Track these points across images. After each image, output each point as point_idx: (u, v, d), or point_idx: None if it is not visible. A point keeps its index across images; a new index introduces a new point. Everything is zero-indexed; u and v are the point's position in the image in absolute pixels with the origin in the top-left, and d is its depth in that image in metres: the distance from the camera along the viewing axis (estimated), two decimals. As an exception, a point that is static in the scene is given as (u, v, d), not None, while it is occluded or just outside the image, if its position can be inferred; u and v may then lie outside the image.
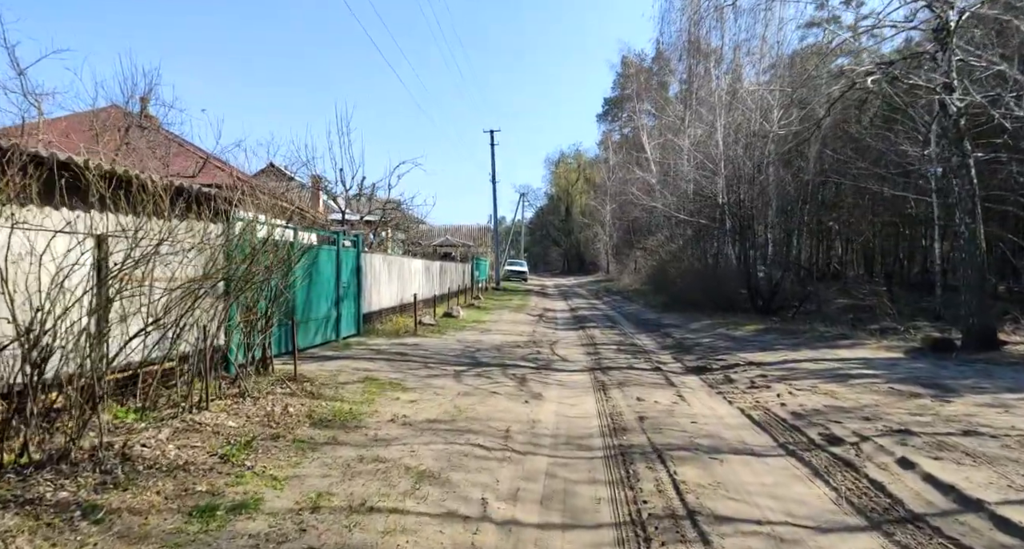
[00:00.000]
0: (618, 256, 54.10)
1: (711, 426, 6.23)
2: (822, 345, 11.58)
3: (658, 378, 9.01)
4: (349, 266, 11.20)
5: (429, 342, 11.72)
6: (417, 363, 9.15)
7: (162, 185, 5.07)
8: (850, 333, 12.16)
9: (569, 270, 78.42)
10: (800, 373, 8.99)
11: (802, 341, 12.25)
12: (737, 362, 10.20)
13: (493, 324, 16.42)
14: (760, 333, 13.94)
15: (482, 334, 13.86)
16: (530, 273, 63.73)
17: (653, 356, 11.29)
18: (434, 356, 9.98)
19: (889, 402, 6.96)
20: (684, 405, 7.23)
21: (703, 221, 28.35)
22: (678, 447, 5.45)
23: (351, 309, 11.31)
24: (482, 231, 53.21)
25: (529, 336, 14.00)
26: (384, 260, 14.05)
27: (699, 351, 11.78)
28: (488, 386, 7.82)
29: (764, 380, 8.54)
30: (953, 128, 9.54)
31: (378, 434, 5.28)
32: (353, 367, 8.39)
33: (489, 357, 10.31)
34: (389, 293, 14.34)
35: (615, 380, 8.74)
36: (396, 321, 13.80)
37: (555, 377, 8.93)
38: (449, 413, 6.22)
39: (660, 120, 38.41)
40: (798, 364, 9.70)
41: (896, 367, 9.13)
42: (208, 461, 4.15)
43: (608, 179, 55.18)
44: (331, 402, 6.17)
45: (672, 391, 8.03)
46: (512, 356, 10.61)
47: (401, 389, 7.20)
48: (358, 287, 11.63)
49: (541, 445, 5.49)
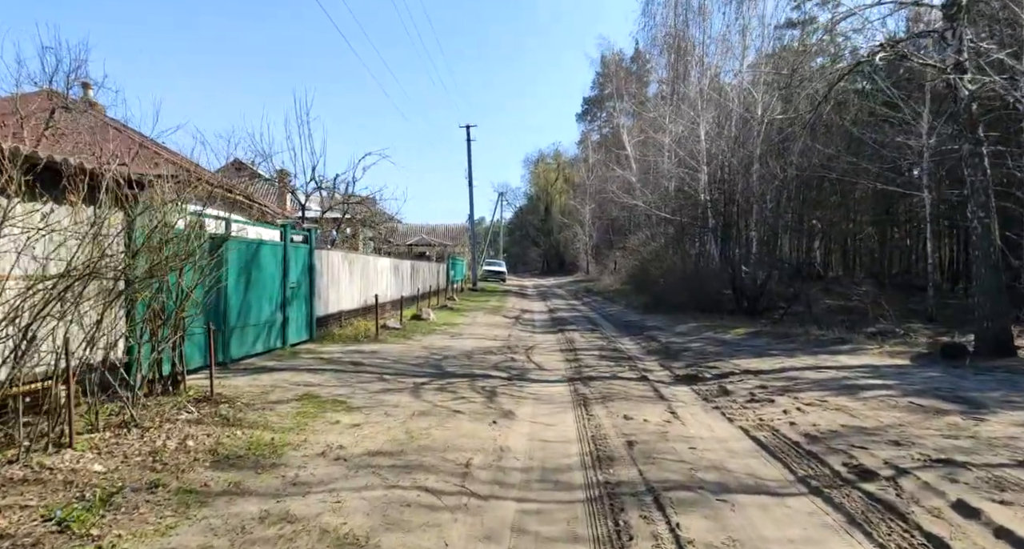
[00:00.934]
0: (598, 256, 53.37)
1: (713, 453, 5.20)
2: (820, 350, 10.69)
3: (646, 390, 7.98)
4: (299, 264, 9.98)
5: (390, 349, 10.54)
6: (371, 375, 7.97)
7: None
8: (848, 337, 11.32)
9: (549, 270, 77.56)
10: (803, 384, 8.04)
11: (798, 346, 11.36)
12: (731, 370, 9.23)
13: (466, 327, 15.28)
14: (751, 336, 13.04)
15: (452, 339, 12.72)
16: (509, 273, 62.70)
17: (638, 363, 10.29)
18: (392, 366, 8.81)
19: (914, 421, 6.02)
20: (678, 424, 6.19)
21: (685, 220, 27.59)
22: (677, 485, 4.40)
23: (301, 312, 10.09)
24: (460, 231, 52.02)
25: (504, 341, 12.90)
26: (344, 258, 12.83)
27: (688, 357, 10.81)
28: (451, 403, 6.70)
29: (765, 392, 7.56)
30: (964, 113, 8.73)
31: (299, 475, 4.12)
32: (293, 381, 7.19)
33: (456, 366, 9.18)
34: (350, 294, 13.12)
35: (598, 393, 7.69)
36: (357, 325, 12.60)
37: (530, 389, 7.85)
38: (398, 441, 5.08)
39: (640, 117, 37.66)
40: (799, 373, 8.76)
41: (908, 376, 8.24)
42: (36, 531, 2.97)
43: (588, 178, 54.44)
44: (250, 430, 4.98)
45: (663, 406, 7.00)
46: (483, 364, 9.50)
47: (345, 409, 6.04)
48: (310, 288, 10.41)
49: (508, 483, 4.39)
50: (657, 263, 24.28)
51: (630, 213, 40.69)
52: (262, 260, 8.59)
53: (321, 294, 11.27)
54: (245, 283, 8.11)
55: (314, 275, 10.52)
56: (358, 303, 13.75)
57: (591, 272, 52.60)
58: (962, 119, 8.84)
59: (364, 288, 14.50)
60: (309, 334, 10.44)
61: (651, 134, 31.58)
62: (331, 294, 11.88)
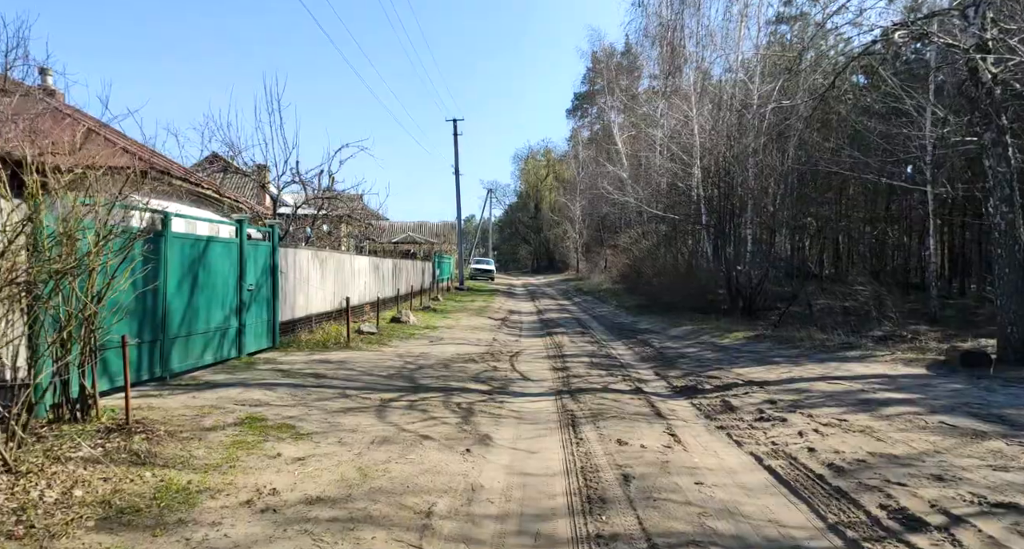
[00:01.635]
0: (588, 254, 52.66)
1: (724, 490, 4.37)
2: (827, 357, 9.93)
3: (641, 405, 7.16)
4: (259, 264, 9.05)
5: (361, 357, 9.64)
6: (333, 390, 7.08)
7: None
8: (855, 341, 10.58)
9: (538, 269, 76.79)
10: (815, 397, 7.25)
11: (802, 352, 10.60)
12: (734, 381, 8.43)
13: (447, 331, 14.40)
14: (751, 341, 12.27)
15: (431, 344, 11.83)
16: (500, 272, 61.83)
17: (632, 372, 9.47)
18: (359, 378, 7.92)
19: (951, 446, 5.23)
20: (680, 450, 5.37)
21: (677, 217, 26.87)
22: (685, 540, 3.56)
23: (262, 317, 9.16)
24: (448, 228, 51.07)
25: (487, 346, 12.04)
26: (314, 257, 11.89)
27: (685, 365, 10.01)
28: (419, 425, 5.83)
29: (774, 408, 6.76)
30: (986, 98, 8.00)
31: (208, 539, 3.24)
32: (239, 399, 6.28)
33: (432, 378, 8.30)
34: (322, 296, 12.19)
35: (588, 409, 6.85)
36: (328, 329, 11.68)
37: (512, 406, 7.00)
38: (347, 481, 4.21)
39: (632, 111, 36.88)
40: (809, 384, 7.97)
41: (930, 388, 7.47)
42: None
43: (578, 175, 53.68)
44: (163, 469, 4.09)
45: (661, 426, 6.18)
46: (461, 375, 8.63)
47: (292, 436, 5.15)
48: (273, 290, 9.48)
49: (478, 539, 3.54)
50: (650, 262, 23.52)
51: (621, 210, 39.98)
52: (212, 260, 7.65)
53: (287, 297, 10.35)
54: (191, 286, 7.18)
55: (277, 276, 9.59)
56: (331, 306, 12.83)
57: (581, 270, 51.89)
58: (983, 105, 8.11)
59: (339, 289, 13.57)
60: (271, 341, 9.52)
61: (643, 128, 30.83)
62: (299, 297, 10.96)
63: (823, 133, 21.13)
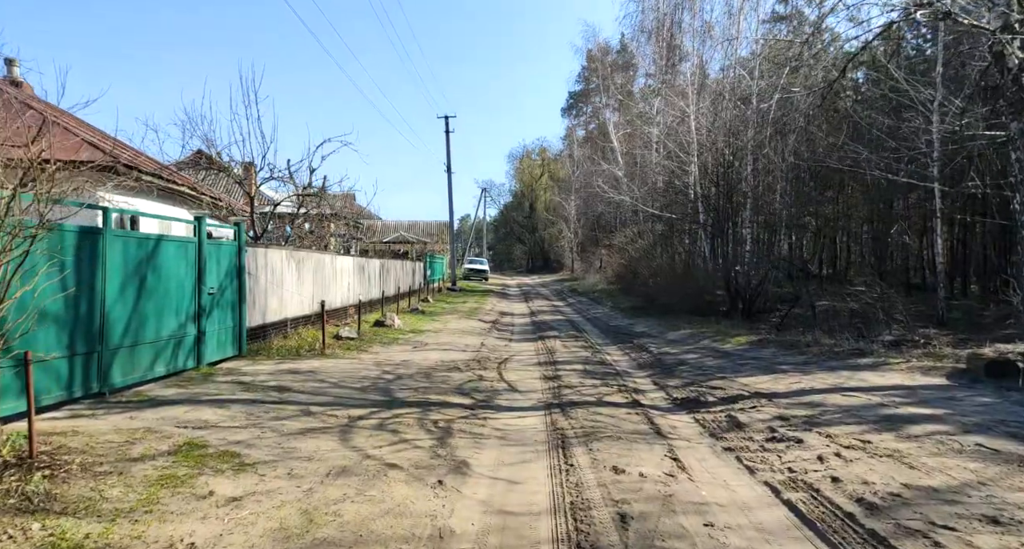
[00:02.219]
0: (583, 254, 52.02)
1: (739, 534, 3.68)
2: (838, 365, 9.27)
3: (639, 421, 6.46)
4: (223, 265, 8.30)
5: (335, 366, 8.90)
6: (295, 407, 6.35)
7: None
8: (865, 347, 9.92)
9: (533, 268, 76.13)
10: (831, 412, 6.57)
11: (810, 359, 9.93)
12: (739, 392, 7.74)
13: (434, 335, 13.67)
14: (754, 346, 11.60)
15: (414, 350, 11.10)
16: (494, 272, 61.13)
17: (628, 380, 8.78)
18: (328, 392, 7.19)
19: (997, 476, 4.55)
20: (685, 480, 4.67)
21: (674, 216, 26.23)
22: (698, 611, 2.86)
23: (226, 323, 8.41)
24: (440, 227, 50.30)
25: (474, 352, 11.32)
26: (289, 258, 11.14)
27: (685, 373, 9.32)
28: (387, 450, 5.11)
29: (787, 426, 6.08)
30: (1012, 85, 7.35)
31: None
32: (183, 420, 5.54)
33: (410, 390, 7.58)
34: (298, 299, 11.45)
35: (580, 426, 6.15)
36: (305, 335, 10.94)
37: (496, 423, 6.29)
38: (286, 531, 3.48)
39: (627, 108, 36.29)
40: (822, 397, 7.29)
41: (956, 402, 6.81)
42: None
43: (573, 173, 53.04)
44: (59, 518, 3.35)
45: (662, 448, 5.48)
46: (443, 387, 7.91)
47: (233, 468, 4.42)
48: (239, 293, 8.74)
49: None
50: (646, 262, 22.86)
51: (616, 209, 39.37)
52: (164, 261, 6.91)
53: (257, 300, 9.61)
54: (137, 290, 6.43)
55: (244, 278, 8.84)
56: (309, 309, 12.09)
57: (576, 270, 51.24)
58: (1009, 93, 7.47)
59: (318, 292, 12.84)
60: (237, 349, 8.77)
61: (639, 125, 30.18)
62: (271, 300, 10.21)
63: (825, 129, 20.53)
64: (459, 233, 79.09)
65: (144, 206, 12.90)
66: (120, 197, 12.38)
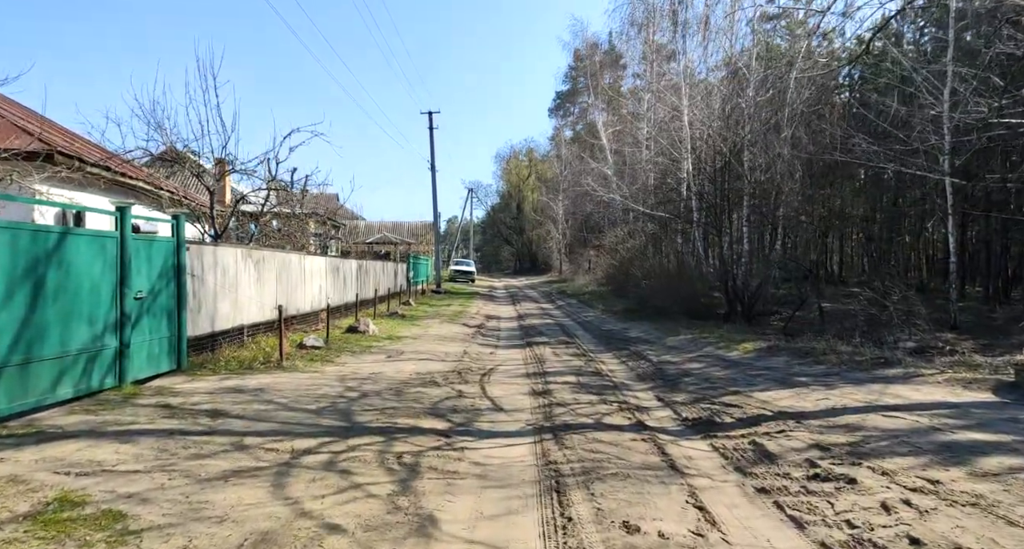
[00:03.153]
0: (571, 255, 51.04)
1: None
2: (863, 376, 8.24)
3: (647, 450, 5.35)
4: (155, 265, 7.08)
5: (291, 381, 7.69)
6: (225, 438, 5.15)
7: None
8: (890, 356, 8.91)
9: (521, 270, 75.05)
10: (876, 439, 5.51)
11: (830, 369, 8.90)
12: (759, 410, 6.67)
13: (412, 342, 12.47)
14: (764, 354, 10.56)
15: (388, 361, 9.92)
16: (481, 273, 59.94)
17: (628, 396, 7.68)
18: (274, 416, 5.99)
19: None
20: (717, 541, 3.57)
21: (666, 215, 25.29)
22: None
23: (160, 333, 7.18)
24: (425, 228, 49.03)
25: (456, 362, 10.17)
26: (246, 257, 9.90)
27: (692, 386, 8.24)
28: (329, 503, 3.94)
29: (829, 458, 5.00)
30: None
31: None
32: (70, 462, 4.32)
33: (375, 412, 6.40)
34: (258, 303, 10.23)
35: (577, 460, 5.03)
36: (264, 343, 9.71)
37: (475, 455, 5.14)
38: None
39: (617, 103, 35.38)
40: (859, 418, 6.23)
41: (1021, 424, 5.78)
42: None
43: (561, 173, 52.08)
44: None
45: (680, 490, 4.38)
46: (415, 406, 6.75)
47: (109, 540, 3.23)
48: (178, 297, 7.50)
49: None
50: (639, 263, 21.84)
51: (606, 209, 38.44)
52: (72, 258, 5.69)
53: (204, 305, 8.38)
54: (31, 293, 5.21)
55: (184, 280, 7.61)
56: (271, 314, 10.86)
57: (564, 271, 50.25)
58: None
59: (284, 295, 11.62)
60: (175, 362, 7.53)
61: (630, 121, 29.24)
62: (222, 304, 8.98)
63: (830, 118, 19.67)
64: (446, 235, 77.93)
65: (91, 203, 11.60)
66: (59, 190, 11.07)
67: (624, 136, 32.73)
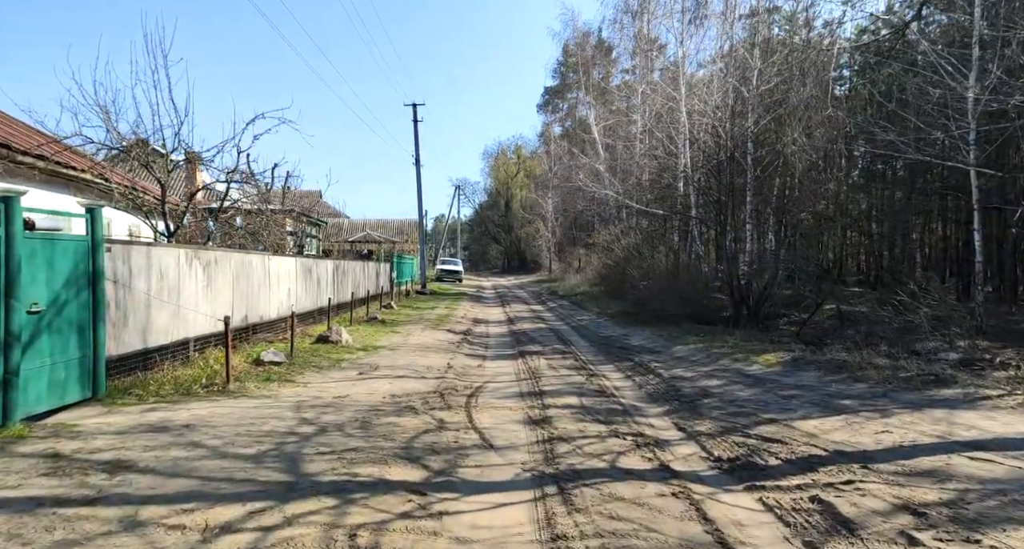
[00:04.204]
0: (561, 254, 49.86)
1: None
2: (917, 398, 7.04)
3: (682, 514, 4.07)
4: (60, 269, 5.68)
5: (232, 412, 6.30)
6: (114, 509, 3.77)
7: None
8: (941, 372, 7.71)
9: (509, 269, 73.75)
10: (977, 495, 4.27)
11: (874, 387, 7.68)
12: (810, 447, 5.42)
13: (389, 354, 11.11)
14: (790, 368, 9.34)
15: (359, 379, 8.55)
16: (469, 272, 58.50)
17: (643, 423, 6.41)
18: (196, 468, 4.61)
19: None
20: None
21: (663, 212, 24.11)
22: None
23: (67, 353, 5.78)
24: (411, 226, 47.53)
25: (438, 378, 8.84)
26: (192, 258, 8.48)
27: (715, 410, 6.98)
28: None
29: (928, 528, 3.74)
30: None
31: None
32: None
33: (331, 456, 5.05)
34: (208, 311, 8.82)
35: (593, 533, 3.74)
36: (212, 359, 8.30)
37: (456, 527, 3.82)
38: None
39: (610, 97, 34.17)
40: (942, 461, 4.98)
41: None
42: None
43: (551, 169, 50.84)
44: None
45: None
46: (384, 446, 5.41)
47: None
48: (93, 308, 6.10)
49: None
50: (637, 262, 20.61)
51: (598, 207, 37.25)
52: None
53: (132, 317, 6.98)
54: None
55: (102, 287, 6.20)
56: (234, 323, 9.46)
57: (554, 271, 49.03)
58: None
59: (243, 301, 10.22)
60: (90, 389, 6.13)
61: (624, 112, 28.03)
62: (159, 315, 7.57)
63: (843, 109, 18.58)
64: (433, 234, 76.26)
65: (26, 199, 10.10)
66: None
67: (617, 130, 31.52)
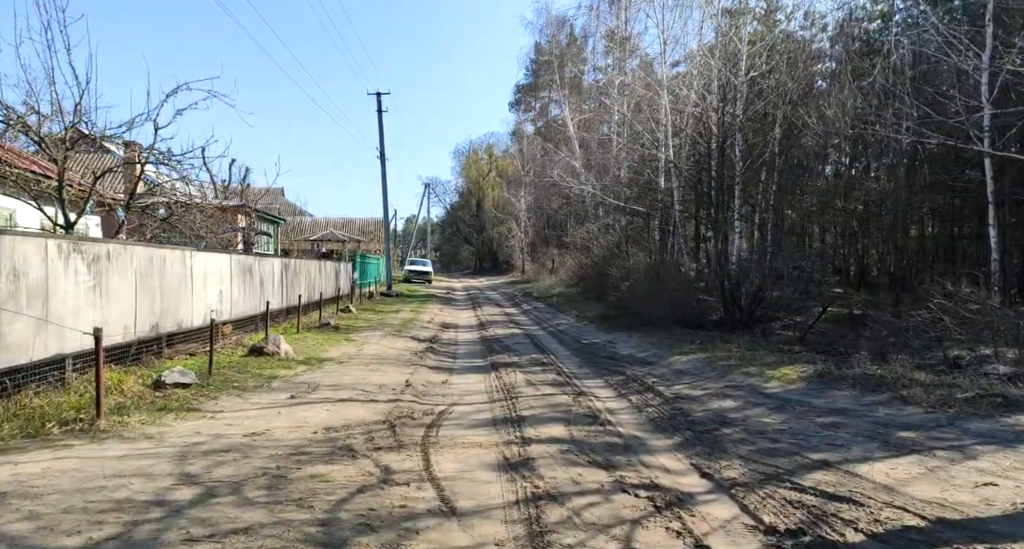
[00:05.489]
0: (534, 254, 48.34)
1: None
2: (994, 428, 5.65)
3: None
4: None
5: (82, 464, 4.49)
6: None
7: None
8: (1006, 391, 6.35)
9: (481, 270, 71.89)
10: None
11: (930, 412, 6.26)
12: (898, 512, 3.90)
13: (335, 369, 9.30)
14: (816, 385, 7.88)
15: (287, 405, 6.76)
16: (440, 273, 56.53)
17: (654, 467, 4.82)
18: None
19: None
20: None
21: (644, 209, 22.76)
22: None
23: None
24: (377, 225, 45.42)
25: (391, 402, 7.11)
26: (69, 251, 6.57)
27: (740, 444, 5.43)
28: None
29: None
30: None
31: None
32: None
33: (206, 545, 3.30)
34: (97, 320, 6.89)
35: None
36: (105, 381, 6.40)
37: None
38: None
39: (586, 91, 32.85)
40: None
41: None
42: None
43: (523, 168, 49.33)
44: None
45: None
46: (294, 522, 3.67)
47: None
48: None
49: None
50: (618, 262, 19.16)
51: (572, 206, 35.87)
52: None
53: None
54: None
55: None
56: (122, 336, 7.56)
57: (527, 271, 47.47)
58: None
59: (154, 305, 8.33)
60: None
61: (602, 105, 26.67)
62: (11, 327, 5.67)
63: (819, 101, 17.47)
64: (404, 235, 73.91)
65: None
66: None
67: (593, 124, 30.16)
